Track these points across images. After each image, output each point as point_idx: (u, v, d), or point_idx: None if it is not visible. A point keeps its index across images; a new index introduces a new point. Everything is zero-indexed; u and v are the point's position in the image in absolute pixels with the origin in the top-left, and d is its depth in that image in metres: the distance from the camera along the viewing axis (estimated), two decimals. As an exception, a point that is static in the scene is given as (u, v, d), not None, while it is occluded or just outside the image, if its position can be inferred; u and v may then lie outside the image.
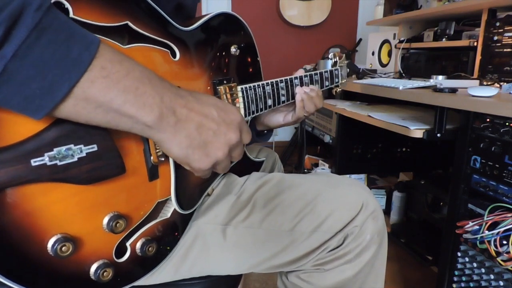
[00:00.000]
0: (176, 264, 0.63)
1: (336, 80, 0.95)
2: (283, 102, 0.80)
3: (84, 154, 0.43)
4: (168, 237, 0.59)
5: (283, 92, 0.79)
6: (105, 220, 0.48)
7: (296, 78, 0.82)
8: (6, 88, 0.34)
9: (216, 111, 0.48)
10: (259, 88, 0.74)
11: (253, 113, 0.74)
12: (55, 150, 0.41)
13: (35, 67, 0.34)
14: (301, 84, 0.84)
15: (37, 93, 0.35)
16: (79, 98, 0.37)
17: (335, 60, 0.96)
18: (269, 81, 0.77)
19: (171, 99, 0.43)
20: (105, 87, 0.38)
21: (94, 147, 0.44)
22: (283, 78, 0.79)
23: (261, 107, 0.76)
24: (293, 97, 0.83)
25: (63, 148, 0.41)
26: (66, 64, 0.35)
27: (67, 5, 0.41)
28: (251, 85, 0.73)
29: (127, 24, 0.48)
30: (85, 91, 0.37)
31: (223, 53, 0.69)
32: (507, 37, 1.23)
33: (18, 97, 0.34)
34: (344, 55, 0.99)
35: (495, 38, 1.27)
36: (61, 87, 0.35)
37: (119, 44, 0.48)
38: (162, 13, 0.54)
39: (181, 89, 0.46)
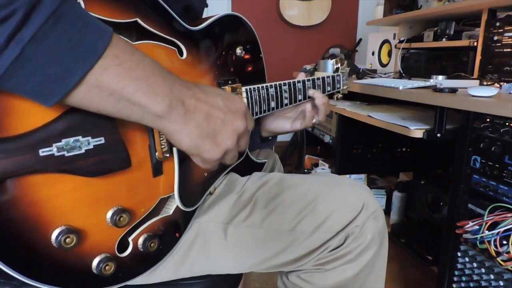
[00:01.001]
0: (177, 262, 0.63)
1: (338, 85, 0.95)
2: (286, 105, 0.80)
3: (91, 146, 0.44)
4: (169, 234, 0.59)
5: (286, 95, 0.80)
6: (109, 213, 0.48)
7: (299, 81, 0.83)
8: (22, 71, 0.34)
9: (222, 100, 0.49)
10: (263, 90, 0.75)
11: (256, 114, 0.74)
12: (63, 141, 0.41)
13: (51, 52, 0.34)
14: (304, 88, 0.84)
15: (52, 78, 0.35)
16: (91, 85, 0.37)
17: (337, 66, 0.97)
18: (273, 83, 0.77)
19: (180, 90, 0.44)
20: (117, 75, 0.38)
21: (101, 140, 0.45)
22: (286, 82, 0.80)
23: (264, 108, 0.76)
24: (296, 100, 0.83)
25: (71, 139, 0.42)
26: (81, 51, 0.36)
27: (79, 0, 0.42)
28: (255, 86, 0.73)
29: (136, 21, 0.49)
30: (98, 78, 0.37)
31: (229, 54, 0.69)
32: (507, 37, 1.23)
33: (32, 81, 0.35)
34: (346, 61, 0.99)
35: (495, 38, 1.27)
36: (75, 73, 0.36)
37: (127, 40, 0.48)
38: (171, 12, 0.55)
39: (188, 81, 0.47)
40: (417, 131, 1.09)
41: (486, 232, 0.86)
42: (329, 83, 0.92)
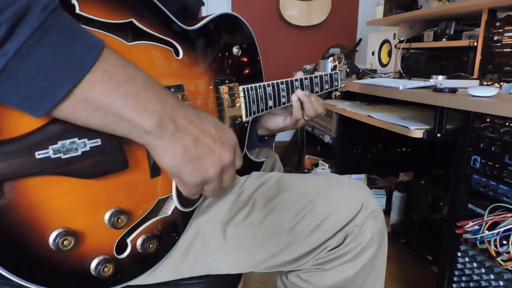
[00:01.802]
0: (176, 263, 0.63)
1: (336, 83, 0.95)
2: (284, 103, 0.80)
3: (88, 148, 0.43)
4: (168, 234, 0.59)
5: (283, 93, 0.80)
6: (107, 215, 0.48)
7: (296, 80, 0.83)
8: (6, 85, 0.34)
9: (214, 128, 0.48)
10: (260, 89, 0.75)
11: (254, 113, 0.74)
12: (60, 143, 0.41)
13: (36, 66, 0.34)
14: (302, 86, 0.84)
15: (37, 92, 0.35)
16: (78, 99, 0.37)
17: (335, 64, 0.97)
18: (270, 82, 0.77)
19: (172, 108, 0.43)
20: (105, 90, 0.38)
21: (98, 142, 0.44)
22: (283, 80, 0.80)
23: (262, 107, 0.76)
24: None
25: (67, 141, 0.42)
26: (68, 65, 0.35)
27: (73, 1, 0.41)
28: (253, 85, 0.73)
29: (132, 21, 0.49)
30: (85, 93, 0.37)
31: (226, 53, 0.69)
32: (507, 37, 1.23)
33: (17, 95, 0.35)
34: (343, 59, 0.99)
35: (495, 38, 1.27)
36: (62, 88, 0.36)
37: (123, 41, 0.48)
38: (167, 12, 0.55)
39: (183, 102, 0.46)
40: (417, 131, 1.09)
41: (486, 232, 0.86)
42: (327, 81, 0.92)
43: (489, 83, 1.26)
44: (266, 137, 0.91)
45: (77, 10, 0.42)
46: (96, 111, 0.38)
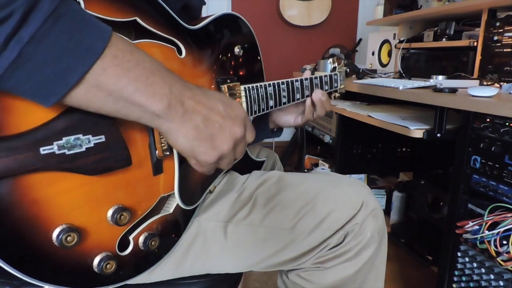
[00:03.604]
0: (177, 261, 0.63)
1: (335, 85, 0.96)
2: (284, 103, 0.81)
3: (92, 145, 0.44)
4: (170, 232, 0.59)
5: (284, 94, 0.80)
6: (110, 212, 0.48)
7: (297, 80, 0.83)
8: (21, 71, 0.34)
9: (222, 105, 0.49)
10: (261, 89, 0.75)
11: (255, 112, 0.75)
12: (64, 139, 0.42)
13: (50, 52, 0.35)
14: (302, 87, 0.84)
15: (51, 78, 0.36)
16: (90, 85, 0.38)
17: (334, 65, 0.97)
18: (271, 82, 0.77)
19: (180, 90, 0.44)
20: (116, 75, 0.39)
21: (102, 138, 0.45)
22: (284, 80, 0.80)
23: (263, 107, 0.76)
24: (294, 99, 0.83)
25: (72, 137, 0.42)
26: (80, 51, 0.36)
27: None
28: (254, 85, 0.74)
29: (135, 20, 0.49)
30: (97, 79, 0.38)
31: (227, 53, 0.70)
32: (507, 37, 1.23)
33: (31, 81, 0.35)
34: (343, 60, 1.00)
35: (495, 38, 1.27)
36: (75, 73, 0.36)
37: (128, 40, 0.48)
38: (170, 11, 0.55)
39: (189, 83, 0.47)
40: (417, 131, 1.09)
41: (486, 232, 0.86)
42: (327, 82, 0.92)
43: (489, 83, 1.27)
44: (275, 129, 0.93)
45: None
46: (107, 96, 0.39)
